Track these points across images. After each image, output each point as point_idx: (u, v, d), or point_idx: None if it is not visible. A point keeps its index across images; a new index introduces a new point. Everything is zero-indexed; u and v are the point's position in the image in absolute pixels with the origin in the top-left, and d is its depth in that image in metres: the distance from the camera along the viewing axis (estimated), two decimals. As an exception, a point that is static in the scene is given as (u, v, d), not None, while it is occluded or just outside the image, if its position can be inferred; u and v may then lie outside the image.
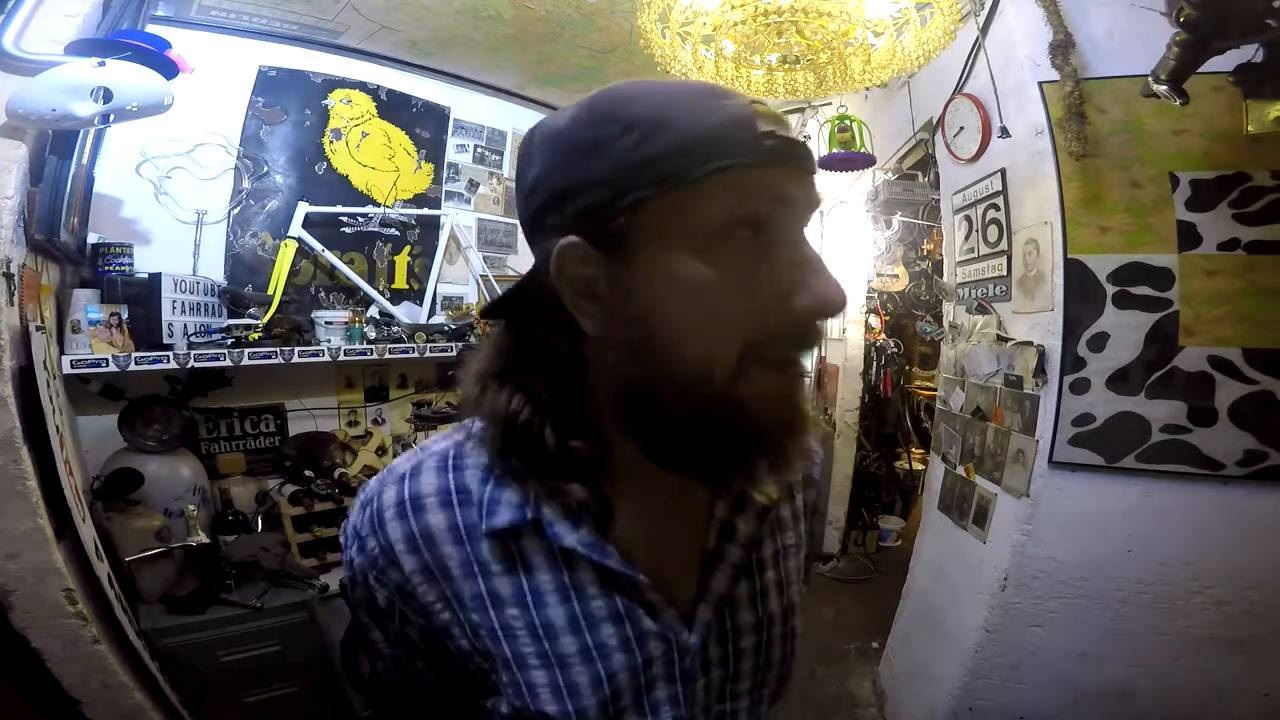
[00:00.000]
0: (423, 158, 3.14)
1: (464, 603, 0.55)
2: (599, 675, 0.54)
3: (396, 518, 0.55)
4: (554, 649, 0.54)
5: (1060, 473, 1.84)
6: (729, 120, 0.45)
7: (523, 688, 0.55)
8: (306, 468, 2.69)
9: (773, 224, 0.47)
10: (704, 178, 0.44)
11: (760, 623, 0.62)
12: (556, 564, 0.54)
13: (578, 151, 0.47)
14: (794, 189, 0.47)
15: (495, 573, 0.54)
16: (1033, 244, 1.94)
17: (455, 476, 0.56)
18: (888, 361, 4.20)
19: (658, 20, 1.64)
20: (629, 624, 0.55)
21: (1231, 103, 1.59)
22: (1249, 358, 1.69)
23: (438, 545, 0.54)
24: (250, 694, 2.07)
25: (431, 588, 0.55)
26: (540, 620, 0.54)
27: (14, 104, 1.53)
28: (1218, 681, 1.80)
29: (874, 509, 4.33)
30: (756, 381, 0.47)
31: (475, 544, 0.54)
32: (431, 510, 0.55)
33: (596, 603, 0.55)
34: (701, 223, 0.45)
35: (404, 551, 0.55)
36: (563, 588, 0.54)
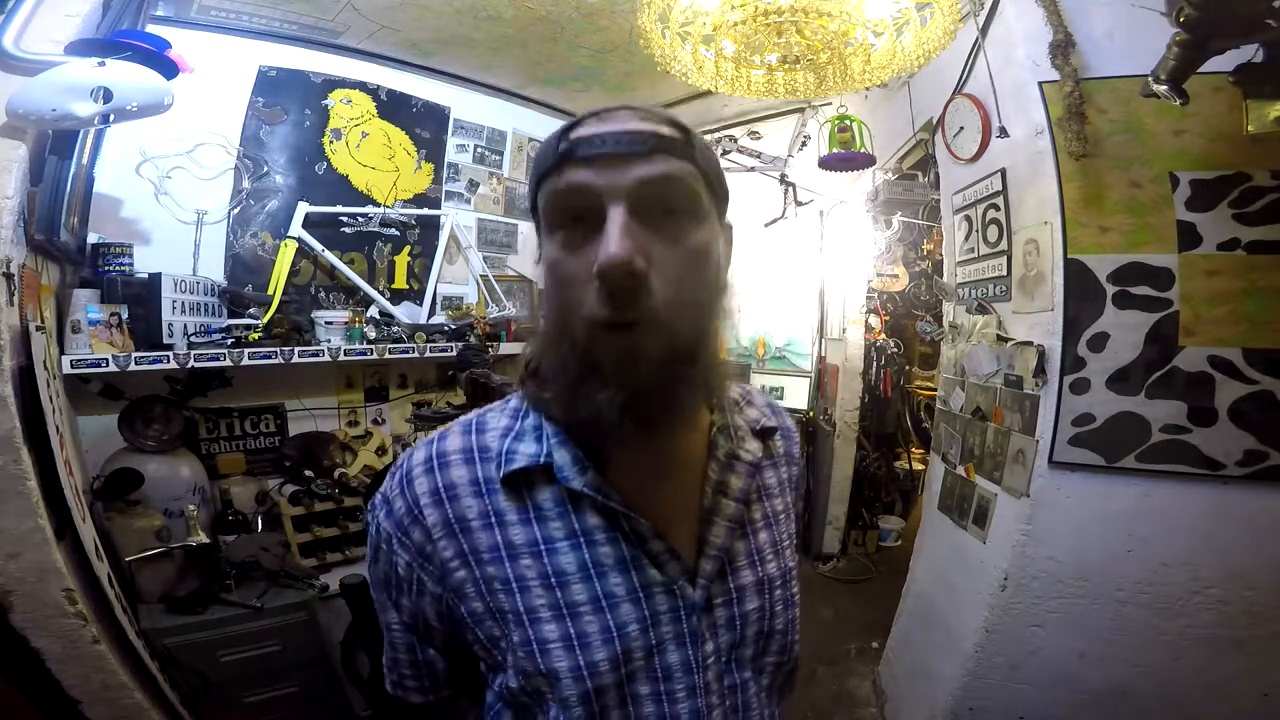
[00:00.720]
0: (423, 158, 3.15)
1: (480, 556, 0.60)
2: (608, 626, 0.58)
3: (424, 473, 0.62)
4: (565, 597, 0.59)
5: (1060, 473, 1.84)
6: (552, 138, 0.58)
7: (533, 645, 0.58)
8: (306, 468, 2.69)
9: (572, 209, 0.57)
10: (539, 181, 0.59)
11: (761, 583, 0.67)
12: (566, 511, 0.60)
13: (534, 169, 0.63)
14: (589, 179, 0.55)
15: (510, 522, 0.60)
16: (1033, 244, 1.94)
17: (478, 438, 0.64)
18: (888, 361, 4.20)
19: (658, 20, 1.64)
20: (634, 572, 0.60)
21: (1231, 103, 1.58)
22: (1249, 358, 1.69)
23: (459, 497, 0.61)
24: (250, 694, 2.07)
25: (450, 543, 0.61)
26: (553, 567, 0.59)
27: (14, 104, 1.53)
28: (1218, 681, 1.80)
29: (874, 509, 4.33)
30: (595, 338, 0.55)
31: (493, 495, 0.61)
32: (455, 465, 0.62)
33: (604, 549, 0.60)
34: (545, 216, 0.59)
35: (428, 505, 0.61)
36: (573, 534, 0.60)
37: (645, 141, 0.56)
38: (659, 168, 0.55)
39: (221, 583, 2.10)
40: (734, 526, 0.65)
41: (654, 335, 0.54)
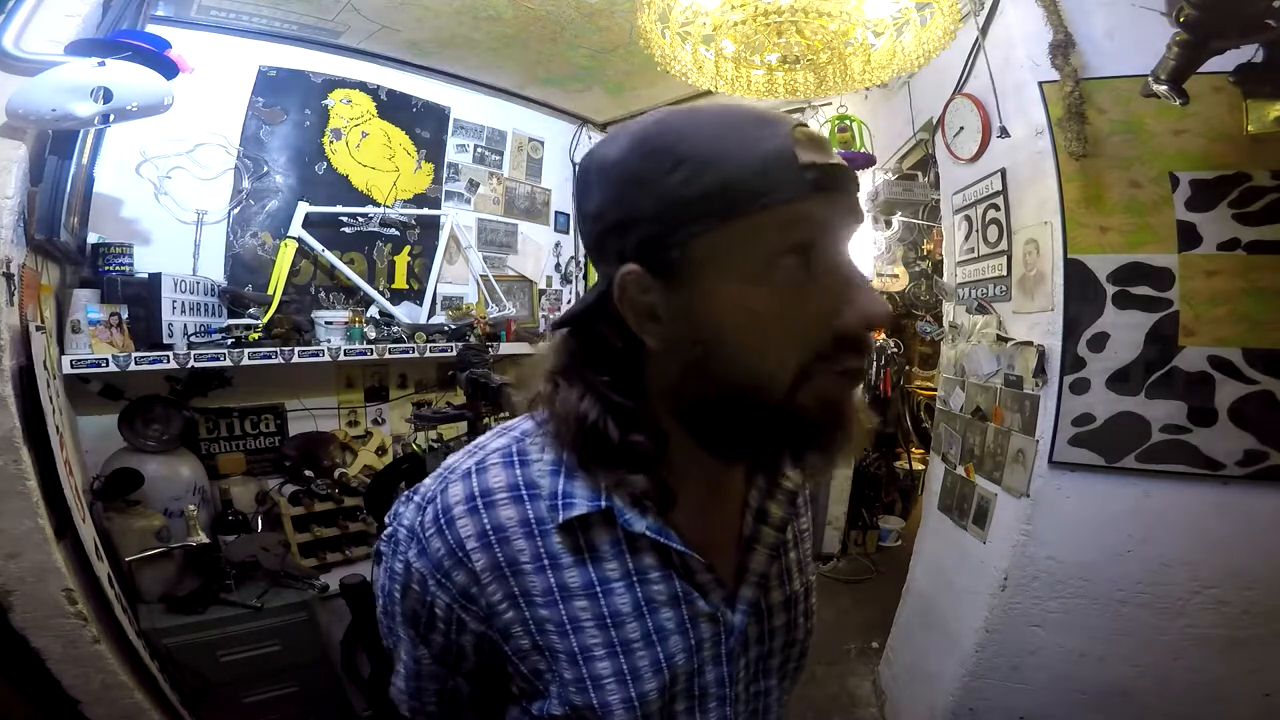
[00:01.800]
0: (423, 158, 3.15)
1: (532, 598, 0.57)
2: (659, 659, 0.58)
3: (468, 513, 0.56)
4: (620, 635, 0.57)
5: (1060, 473, 1.84)
6: (773, 155, 0.48)
7: (587, 681, 0.57)
8: (306, 468, 2.69)
9: (817, 249, 0.50)
10: (752, 214, 0.48)
11: (788, 600, 0.68)
12: (622, 551, 0.57)
13: (631, 185, 0.51)
14: (835, 214, 0.51)
15: (565, 565, 0.57)
16: (1033, 244, 1.94)
17: (523, 472, 0.58)
18: (888, 361, 4.20)
19: (658, 20, 1.64)
20: (685, 606, 0.59)
21: (1231, 103, 1.58)
22: (1249, 358, 1.69)
23: (510, 540, 0.56)
24: (250, 694, 2.07)
25: (500, 586, 0.56)
26: (609, 609, 0.57)
27: (14, 104, 1.53)
28: (1218, 681, 1.80)
29: (874, 509, 4.32)
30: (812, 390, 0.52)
31: (546, 537, 0.56)
32: (503, 505, 0.56)
33: (657, 587, 0.58)
34: (752, 254, 0.49)
35: (476, 549, 0.56)
36: (628, 574, 0.58)
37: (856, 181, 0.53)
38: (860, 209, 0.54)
39: (221, 583, 2.11)
40: (772, 552, 0.65)
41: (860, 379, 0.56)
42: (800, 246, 0.50)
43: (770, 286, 0.50)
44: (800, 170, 0.48)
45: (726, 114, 0.52)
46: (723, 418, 0.54)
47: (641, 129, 0.53)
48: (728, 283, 0.50)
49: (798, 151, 0.49)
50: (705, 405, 0.54)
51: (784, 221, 0.49)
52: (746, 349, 0.51)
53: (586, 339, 0.59)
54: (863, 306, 0.51)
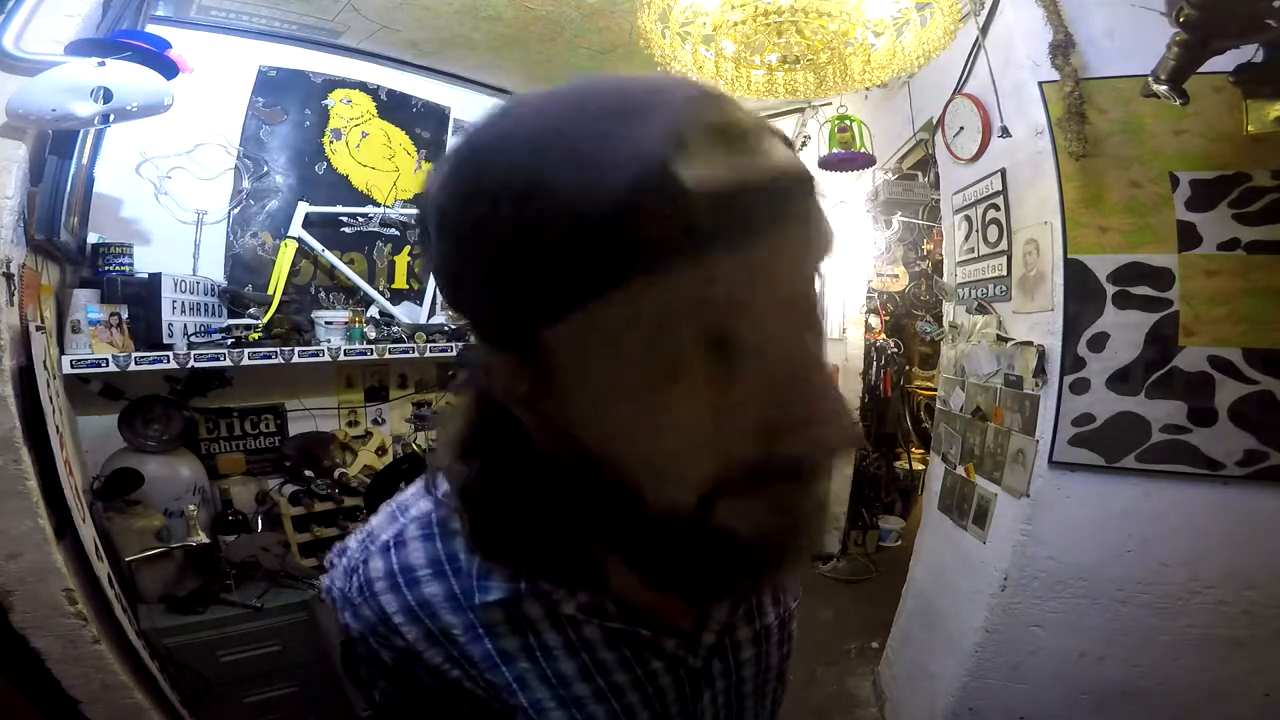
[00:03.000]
0: (423, 158, 3.14)
1: (474, 662, 0.52)
2: (615, 711, 0.54)
3: (389, 589, 0.51)
4: (569, 693, 0.53)
5: (1060, 473, 1.84)
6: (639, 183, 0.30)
7: None
8: (306, 468, 2.69)
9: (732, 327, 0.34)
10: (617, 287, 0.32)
11: (757, 635, 0.63)
12: (560, 623, 0.52)
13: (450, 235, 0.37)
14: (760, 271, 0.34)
15: (501, 634, 0.52)
16: (1033, 244, 1.94)
17: (444, 546, 0.51)
18: (888, 361, 4.20)
19: (658, 20, 1.64)
20: (638, 666, 0.55)
21: (1231, 103, 1.58)
22: (1249, 358, 1.69)
23: (438, 615, 0.51)
24: (250, 694, 2.07)
25: (438, 651, 0.52)
26: (552, 671, 0.53)
27: (14, 104, 1.53)
28: (1218, 681, 1.80)
29: (874, 509, 4.33)
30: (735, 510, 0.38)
31: (475, 611, 0.51)
32: (425, 582, 0.51)
33: (603, 655, 0.53)
34: (632, 343, 0.33)
35: (404, 623, 0.51)
36: (569, 644, 0.53)
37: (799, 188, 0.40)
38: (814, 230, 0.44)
39: (221, 583, 2.11)
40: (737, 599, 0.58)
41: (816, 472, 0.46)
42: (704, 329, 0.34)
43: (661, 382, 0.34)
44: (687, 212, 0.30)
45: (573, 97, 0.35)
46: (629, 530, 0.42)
47: (459, 144, 0.37)
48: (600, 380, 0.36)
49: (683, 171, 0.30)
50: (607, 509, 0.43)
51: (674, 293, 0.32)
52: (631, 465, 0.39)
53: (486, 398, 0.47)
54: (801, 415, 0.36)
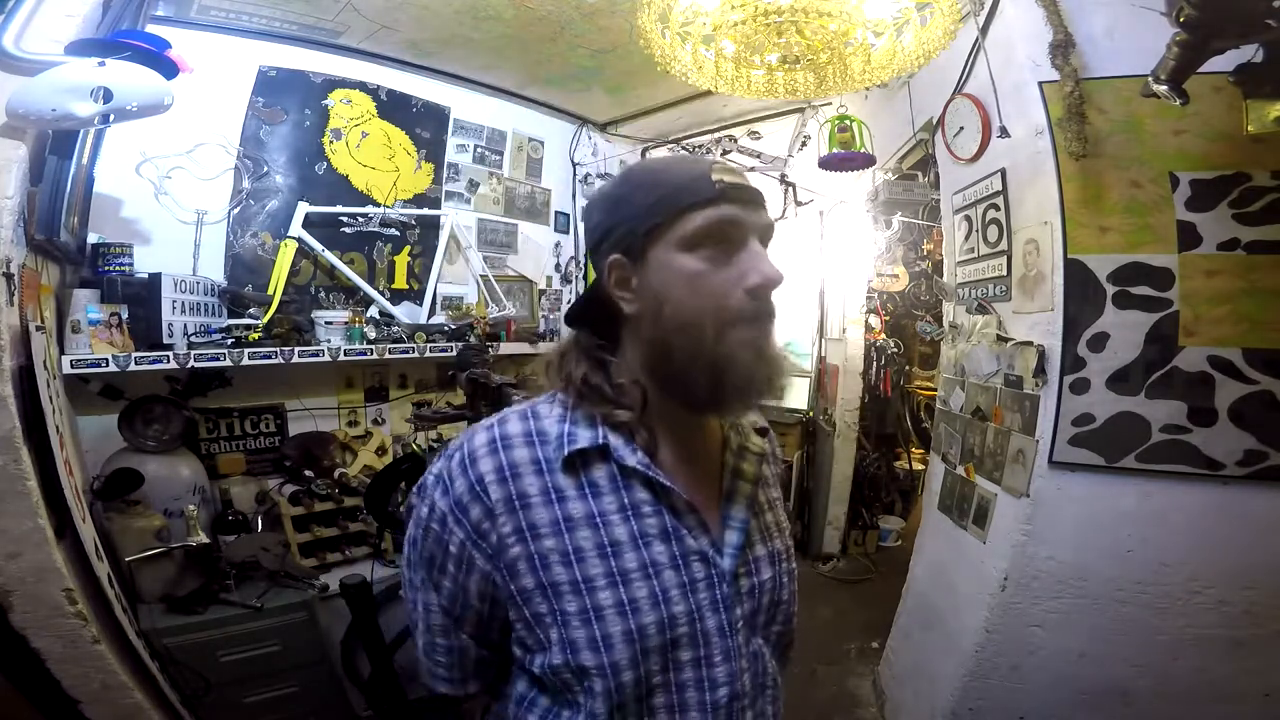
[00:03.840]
0: (423, 158, 3.15)
1: (539, 531, 0.68)
2: (655, 592, 0.68)
3: (488, 454, 0.69)
4: (618, 565, 0.67)
5: (1060, 473, 1.84)
6: (695, 175, 0.71)
7: (589, 612, 0.66)
8: (306, 468, 2.69)
9: (726, 234, 0.71)
10: (684, 209, 0.70)
11: (773, 556, 0.80)
12: (618, 487, 0.70)
13: (615, 203, 0.75)
14: (740, 214, 0.71)
15: (569, 498, 0.69)
16: (1033, 244, 1.94)
17: (535, 424, 0.72)
18: (888, 361, 4.20)
19: (658, 20, 1.64)
20: (675, 542, 0.70)
21: (1231, 103, 1.58)
22: (1249, 358, 1.69)
23: (522, 475, 0.69)
24: (250, 694, 2.07)
25: (510, 519, 0.68)
26: (608, 537, 0.68)
27: (14, 104, 1.53)
28: (1218, 681, 1.80)
29: (874, 509, 4.33)
30: (734, 332, 0.69)
31: (553, 474, 0.69)
32: (518, 446, 0.70)
33: (650, 520, 0.70)
34: (684, 235, 0.70)
35: (493, 482, 0.68)
36: (623, 508, 0.70)
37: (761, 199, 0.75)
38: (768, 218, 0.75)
39: (221, 583, 2.11)
40: (750, 504, 0.78)
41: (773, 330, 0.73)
42: (713, 232, 0.70)
43: (697, 256, 0.70)
44: (711, 183, 0.70)
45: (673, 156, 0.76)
46: (673, 353, 0.70)
47: (627, 169, 0.80)
48: (671, 254, 0.70)
49: (712, 174, 0.71)
50: (662, 344, 0.71)
51: (703, 215, 0.70)
52: (685, 298, 0.70)
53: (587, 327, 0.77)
54: (761, 270, 0.70)
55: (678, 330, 0.70)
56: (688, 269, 0.70)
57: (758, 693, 0.75)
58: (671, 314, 0.70)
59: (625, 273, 0.73)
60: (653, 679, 0.67)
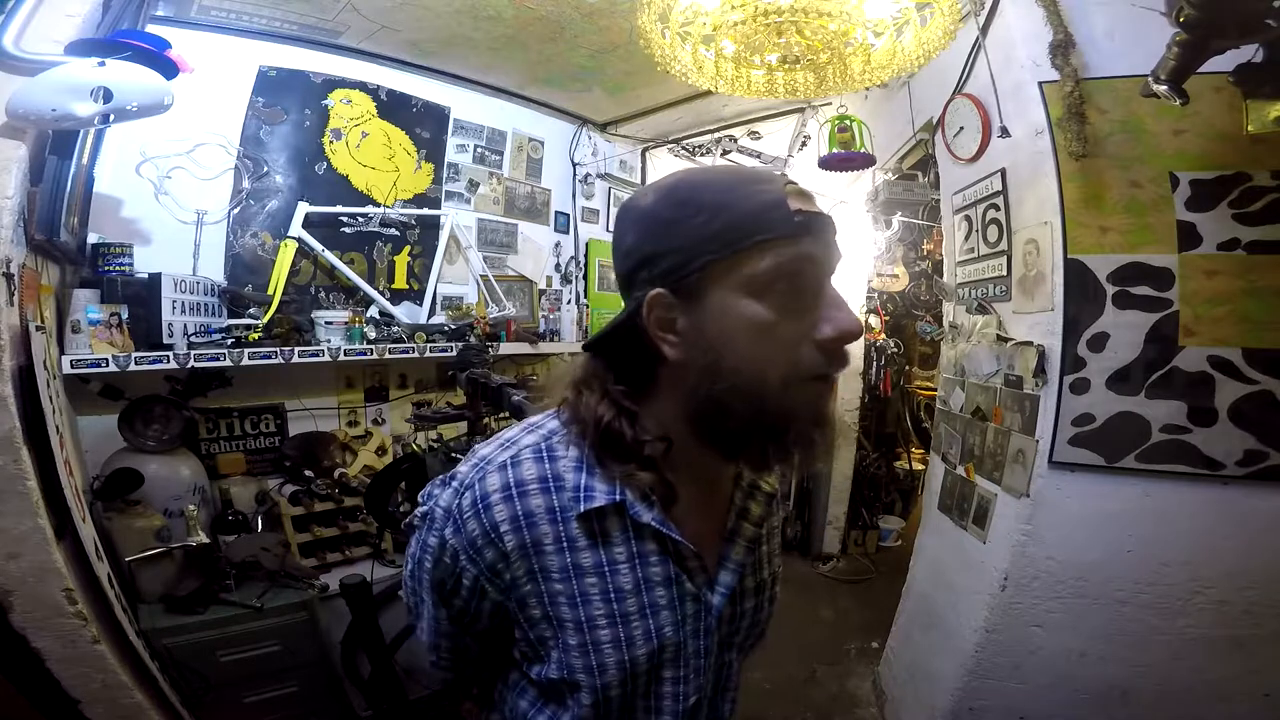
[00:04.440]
0: (423, 158, 3.15)
1: (550, 574, 0.67)
2: (650, 629, 0.69)
3: (503, 500, 0.66)
4: (620, 608, 0.68)
5: (1060, 473, 1.84)
6: (770, 202, 0.62)
7: (589, 646, 0.68)
8: (306, 468, 2.69)
9: (803, 276, 0.63)
10: (754, 245, 0.61)
11: (759, 586, 0.80)
12: (629, 538, 0.68)
13: (661, 226, 0.65)
14: (818, 251, 0.63)
15: (580, 547, 0.67)
16: (1033, 244, 1.94)
17: (551, 466, 0.68)
18: (888, 361, 4.20)
19: (658, 20, 1.64)
20: (674, 586, 0.70)
21: (1231, 103, 1.58)
22: (1249, 358, 1.69)
23: (537, 525, 0.66)
24: (250, 694, 2.07)
25: (524, 563, 0.67)
26: (614, 585, 0.68)
27: (14, 104, 1.53)
28: (1218, 681, 1.80)
29: (874, 509, 4.33)
30: (799, 391, 0.64)
31: (567, 524, 0.67)
32: (533, 495, 0.67)
33: (655, 569, 0.69)
34: (752, 276, 0.62)
35: (508, 531, 0.66)
36: (632, 558, 0.69)
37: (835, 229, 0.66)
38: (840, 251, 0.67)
39: (221, 583, 2.10)
40: (749, 545, 0.77)
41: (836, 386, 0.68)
42: (789, 273, 0.62)
43: (766, 302, 0.62)
44: (790, 215, 0.61)
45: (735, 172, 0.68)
46: (727, 412, 0.64)
47: (669, 184, 0.67)
48: (734, 298, 0.62)
49: (789, 201, 0.62)
50: (713, 402, 0.64)
51: (777, 253, 0.61)
52: (747, 351, 0.62)
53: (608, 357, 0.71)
54: (839, 322, 0.63)
55: (736, 389, 0.63)
56: (756, 319, 0.62)
57: (718, 694, 0.79)
58: (730, 369, 0.63)
59: (670, 313, 0.65)
60: (637, 692, 0.71)
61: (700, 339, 0.64)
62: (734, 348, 0.62)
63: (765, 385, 0.62)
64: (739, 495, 0.78)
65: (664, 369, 0.68)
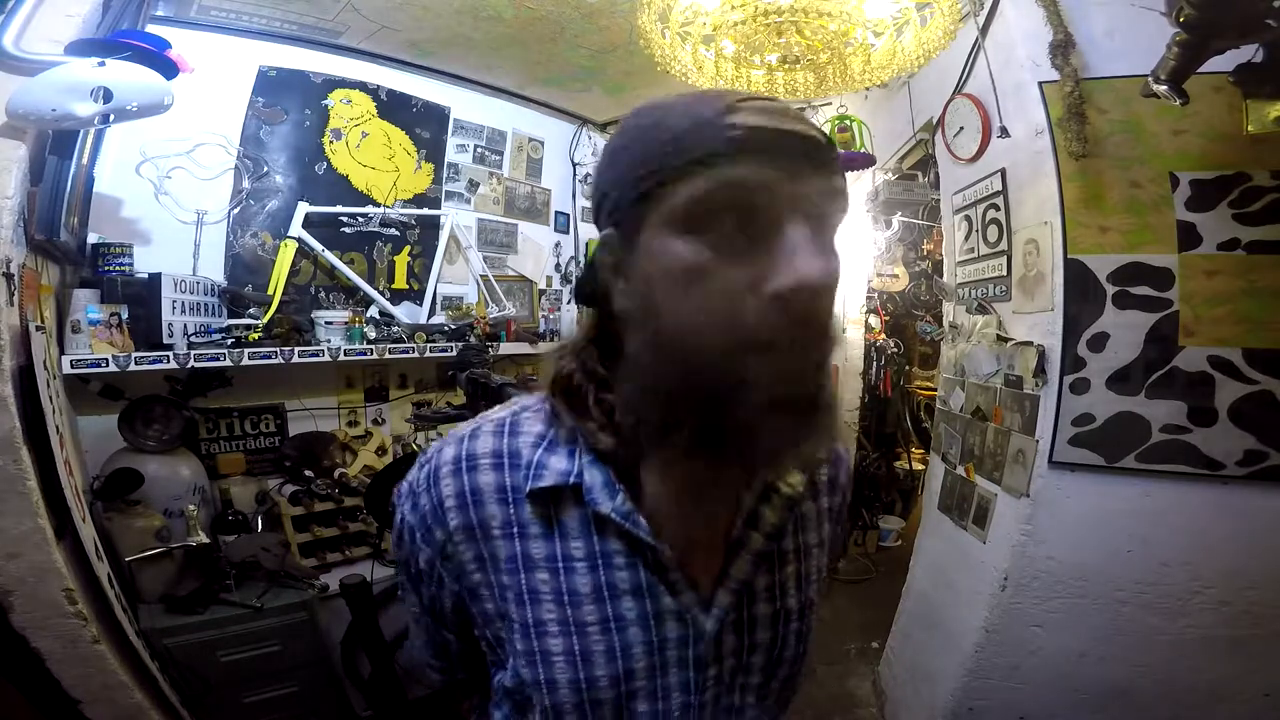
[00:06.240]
0: (423, 158, 3.14)
1: (498, 564, 0.59)
2: (613, 647, 0.58)
3: (451, 474, 0.59)
4: (575, 616, 0.57)
5: (1060, 473, 1.84)
6: (706, 119, 0.48)
7: (536, 655, 0.58)
8: (306, 468, 2.69)
9: (747, 208, 0.48)
10: (685, 168, 0.48)
11: (777, 616, 0.64)
12: (589, 532, 0.58)
13: (609, 158, 0.55)
14: (771, 177, 0.47)
15: (532, 535, 0.58)
16: (1033, 244, 1.94)
17: (510, 441, 0.60)
18: (888, 361, 4.20)
19: (658, 20, 1.64)
20: (649, 599, 0.58)
21: (1231, 103, 1.58)
22: (1249, 358, 1.69)
23: (484, 504, 0.58)
24: (250, 694, 2.07)
25: (469, 547, 0.59)
26: (567, 586, 0.58)
27: (14, 104, 1.53)
28: (1218, 681, 1.80)
29: (874, 509, 4.33)
30: (748, 363, 0.48)
31: (519, 506, 0.58)
32: (483, 470, 0.59)
33: (621, 574, 0.58)
34: (678, 207, 0.48)
35: (452, 508, 0.59)
36: (591, 555, 0.58)
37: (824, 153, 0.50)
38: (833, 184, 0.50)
39: (221, 583, 2.10)
40: (760, 561, 0.62)
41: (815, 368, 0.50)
42: (726, 204, 0.47)
43: (701, 242, 0.48)
44: (723, 129, 0.47)
45: (691, 94, 0.52)
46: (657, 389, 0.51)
47: (633, 111, 0.56)
48: (660, 235, 0.50)
49: (731, 117, 0.47)
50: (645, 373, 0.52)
51: (709, 178, 0.47)
52: (677, 304, 0.49)
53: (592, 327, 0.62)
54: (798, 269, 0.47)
55: (663, 351, 0.50)
56: (684, 261, 0.48)
57: None
58: (658, 319, 0.50)
59: (615, 255, 0.55)
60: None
61: (634, 288, 0.53)
62: (663, 300, 0.50)
63: (701, 351, 0.48)
64: (747, 497, 0.62)
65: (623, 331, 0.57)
